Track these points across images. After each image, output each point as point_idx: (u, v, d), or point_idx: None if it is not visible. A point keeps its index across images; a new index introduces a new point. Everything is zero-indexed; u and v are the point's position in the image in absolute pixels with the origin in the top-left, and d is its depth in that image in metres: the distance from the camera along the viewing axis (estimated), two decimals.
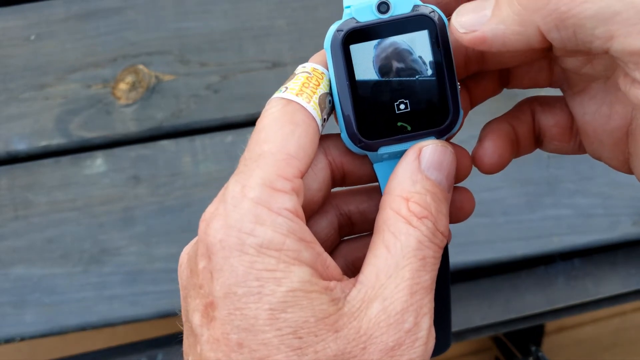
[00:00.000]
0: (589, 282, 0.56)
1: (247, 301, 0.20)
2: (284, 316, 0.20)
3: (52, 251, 0.53)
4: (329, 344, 0.21)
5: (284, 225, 0.21)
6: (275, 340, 0.20)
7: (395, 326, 0.21)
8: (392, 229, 0.22)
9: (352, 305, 0.21)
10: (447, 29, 0.24)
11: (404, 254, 0.22)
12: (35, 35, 0.59)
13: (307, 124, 0.23)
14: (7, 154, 0.56)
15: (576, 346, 0.96)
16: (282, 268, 0.21)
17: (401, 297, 0.21)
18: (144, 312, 0.52)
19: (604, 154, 0.26)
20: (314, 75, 0.24)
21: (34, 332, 0.52)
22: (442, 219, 0.23)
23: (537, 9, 0.20)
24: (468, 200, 0.26)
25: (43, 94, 0.57)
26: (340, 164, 0.26)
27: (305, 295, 0.21)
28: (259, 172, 0.22)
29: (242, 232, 0.21)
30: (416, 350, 0.21)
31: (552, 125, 0.27)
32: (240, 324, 0.20)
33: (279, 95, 0.23)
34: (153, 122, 0.56)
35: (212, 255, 0.21)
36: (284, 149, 0.22)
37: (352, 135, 0.24)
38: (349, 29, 0.24)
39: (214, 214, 0.22)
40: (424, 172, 0.23)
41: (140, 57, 0.58)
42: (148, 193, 0.55)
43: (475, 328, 0.55)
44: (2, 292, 0.52)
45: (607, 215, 0.54)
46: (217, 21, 0.59)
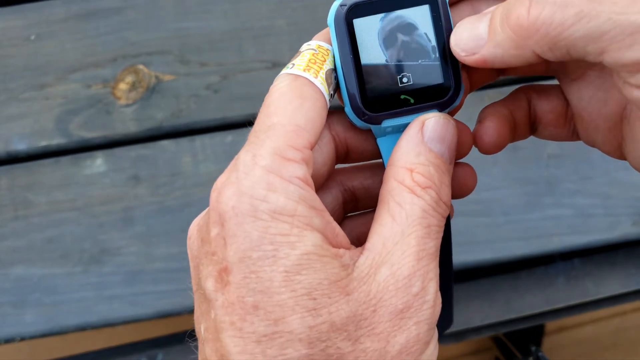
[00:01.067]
0: (589, 282, 0.56)
1: (262, 264, 0.21)
2: (298, 278, 0.21)
3: (52, 251, 0.53)
4: (341, 305, 0.21)
5: (296, 192, 0.21)
6: (290, 302, 0.21)
7: (403, 290, 0.22)
8: (397, 199, 0.23)
9: (361, 270, 0.22)
10: (447, 3, 0.25)
11: (409, 222, 0.23)
12: (35, 35, 0.59)
13: (315, 98, 0.23)
14: (7, 154, 0.56)
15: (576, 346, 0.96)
16: (296, 232, 0.21)
17: (408, 262, 0.22)
18: (143, 312, 0.52)
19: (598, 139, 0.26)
20: (320, 52, 0.24)
21: (34, 332, 0.52)
22: (445, 190, 0.24)
23: (529, 36, 0.21)
24: (470, 176, 0.27)
25: (43, 94, 0.57)
26: (344, 139, 0.26)
27: (318, 259, 0.21)
28: (269, 143, 0.22)
29: (254, 198, 0.21)
30: (424, 313, 0.22)
31: (548, 112, 0.27)
32: (256, 286, 0.21)
33: (286, 72, 0.24)
34: (153, 122, 0.56)
35: (225, 222, 0.21)
36: (293, 120, 0.22)
37: (355, 108, 0.25)
38: (352, 3, 0.24)
39: (225, 182, 0.22)
40: (427, 144, 0.24)
41: (140, 57, 0.58)
42: (148, 193, 0.55)
43: (476, 328, 0.55)
44: (2, 292, 0.52)
45: (607, 215, 0.54)
46: (217, 21, 0.59)
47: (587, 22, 0.20)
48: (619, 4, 0.20)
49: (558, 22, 0.20)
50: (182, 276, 0.53)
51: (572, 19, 0.20)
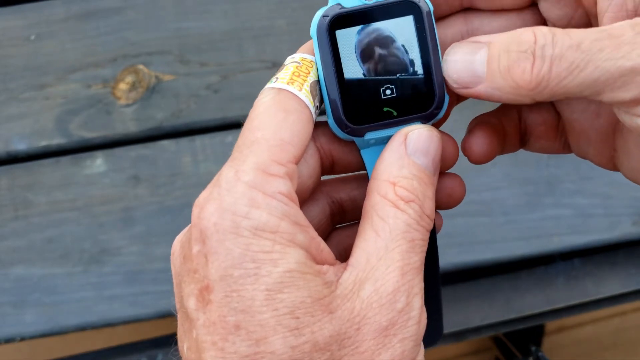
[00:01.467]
0: (589, 282, 0.56)
1: (243, 282, 0.20)
2: (280, 296, 0.20)
3: (52, 251, 0.53)
4: (325, 324, 0.21)
5: (279, 208, 0.21)
6: (272, 321, 0.20)
7: (387, 306, 0.21)
8: (380, 213, 0.23)
9: (345, 287, 0.22)
10: (432, 14, 0.25)
11: (393, 237, 0.22)
12: (36, 35, 0.59)
13: (300, 111, 0.23)
14: (7, 154, 0.56)
15: (576, 346, 0.96)
16: (278, 249, 0.21)
17: (392, 277, 0.22)
18: (143, 312, 0.52)
19: (590, 152, 0.27)
20: (304, 64, 0.24)
21: (34, 332, 0.52)
22: (428, 203, 0.23)
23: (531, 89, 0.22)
24: (458, 186, 0.27)
25: (43, 94, 0.57)
26: (328, 151, 0.26)
27: (301, 276, 0.21)
28: (252, 158, 0.22)
29: (236, 215, 0.21)
30: (409, 330, 0.22)
31: (539, 124, 0.27)
32: (237, 305, 0.20)
33: (270, 86, 0.24)
34: (153, 122, 0.56)
35: (207, 239, 0.21)
36: (277, 134, 0.22)
37: (338, 120, 0.25)
38: (335, 14, 0.24)
39: (207, 198, 0.22)
40: (410, 156, 0.24)
41: (140, 57, 0.58)
42: (148, 193, 0.55)
43: (475, 328, 0.55)
44: (2, 292, 0.52)
45: (607, 215, 0.54)
46: (217, 21, 0.59)
47: (578, 72, 0.21)
48: (604, 51, 0.21)
49: (555, 75, 0.21)
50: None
51: (565, 72, 0.21)
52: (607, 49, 0.21)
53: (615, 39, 0.21)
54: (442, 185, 0.26)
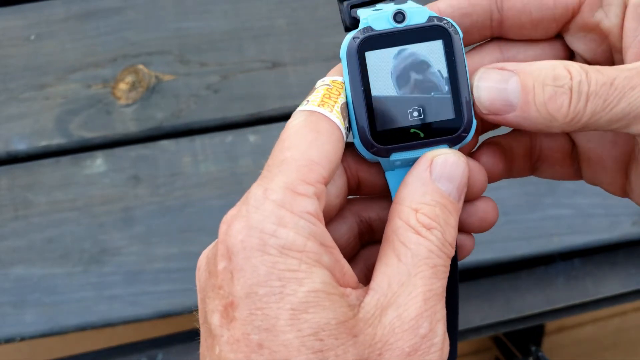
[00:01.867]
0: (589, 282, 0.56)
1: (268, 301, 0.20)
2: (305, 317, 0.20)
3: (52, 251, 0.53)
4: (348, 348, 0.21)
5: (306, 228, 0.21)
6: (296, 342, 0.20)
7: (410, 332, 0.21)
8: (402, 238, 0.23)
9: (367, 311, 0.22)
10: (461, 40, 0.25)
11: (415, 263, 0.22)
12: (35, 35, 0.59)
13: (331, 132, 0.23)
14: (7, 154, 0.56)
15: (576, 346, 0.96)
16: (304, 269, 0.21)
17: (415, 303, 0.22)
18: (143, 312, 0.52)
19: (605, 180, 0.27)
20: (334, 87, 0.24)
21: (34, 332, 0.52)
22: (450, 231, 0.23)
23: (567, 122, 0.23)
24: (492, 210, 0.26)
25: (43, 94, 0.57)
26: (355, 172, 0.26)
27: (326, 297, 0.21)
28: (281, 177, 0.22)
29: (264, 232, 0.21)
30: (432, 356, 0.21)
31: (555, 150, 0.27)
32: (261, 324, 0.20)
33: (301, 108, 0.24)
34: (153, 122, 0.56)
35: (233, 255, 0.21)
36: (306, 155, 0.22)
37: (364, 140, 0.25)
38: (365, 36, 0.25)
39: (235, 215, 0.22)
40: (434, 182, 0.24)
41: (140, 57, 0.58)
42: (148, 193, 0.55)
43: (475, 328, 0.55)
44: (2, 292, 0.52)
45: (607, 215, 0.54)
46: (217, 21, 0.59)
47: (611, 108, 0.22)
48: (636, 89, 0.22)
49: (590, 110, 0.23)
50: (182, 276, 0.53)
51: (598, 108, 0.22)
52: (638, 87, 0.22)
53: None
54: (475, 209, 0.26)
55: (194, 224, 0.54)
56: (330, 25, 0.59)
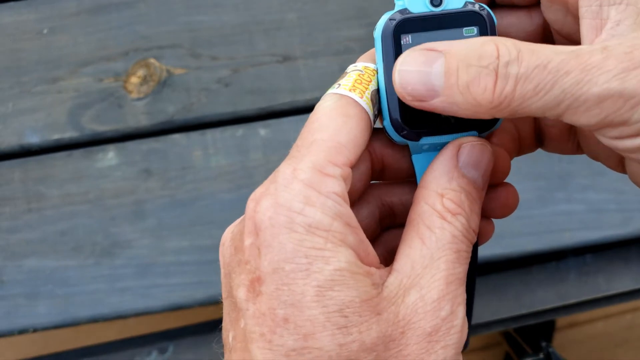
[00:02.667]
0: (600, 277, 0.55)
1: (295, 277, 0.21)
2: (330, 294, 0.21)
3: (65, 244, 0.54)
4: (372, 325, 0.21)
5: (333, 208, 0.21)
6: (321, 317, 0.20)
7: (432, 313, 0.22)
8: (427, 222, 0.23)
9: (390, 290, 0.22)
10: (495, 27, 0.25)
11: (439, 246, 0.22)
12: (48, 29, 0.59)
13: (359, 117, 0.23)
14: (20, 147, 0.57)
15: (587, 342, 0.96)
16: (330, 247, 0.21)
17: (437, 286, 0.22)
18: (155, 305, 0.52)
19: (601, 154, 0.26)
20: (366, 73, 0.25)
21: (47, 323, 0.52)
22: (474, 218, 0.24)
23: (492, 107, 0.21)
24: (513, 196, 0.27)
25: (56, 88, 0.58)
26: (380, 156, 0.26)
27: (351, 276, 0.21)
28: (310, 157, 0.22)
29: (291, 211, 0.21)
30: (452, 337, 0.22)
31: (551, 126, 0.27)
32: (287, 299, 0.21)
33: (332, 91, 0.24)
34: (164, 115, 0.57)
35: (260, 232, 0.21)
36: (335, 137, 0.22)
37: (395, 122, 0.25)
38: (402, 18, 0.24)
39: (264, 193, 0.22)
40: (461, 169, 0.24)
41: (152, 51, 0.58)
42: (159, 186, 0.55)
43: (486, 323, 0.55)
44: (16, 284, 0.53)
45: (619, 210, 0.54)
46: (228, 15, 0.59)
47: (543, 94, 0.21)
48: (571, 74, 0.20)
49: (519, 95, 0.21)
50: (193, 269, 0.53)
51: (530, 93, 0.21)
52: (573, 72, 0.20)
53: (582, 61, 0.20)
54: (497, 195, 0.26)
55: (205, 217, 0.54)
56: (341, 19, 0.59)
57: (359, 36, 0.58)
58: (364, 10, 0.59)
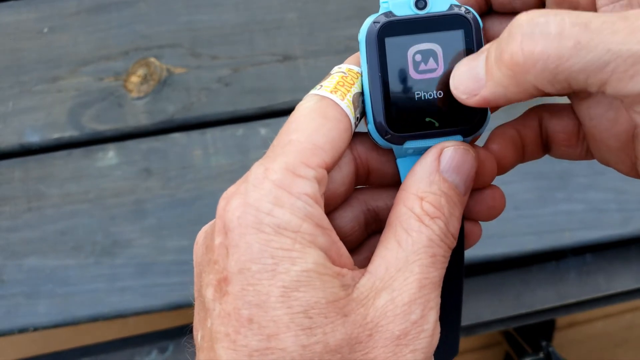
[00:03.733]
0: (600, 277, 0.55)
1: (260, 277, 0.21)
2: (295, 295, 0.21)
3: (65, 243, 0.54)
4: (337, 327, 0.21)
5: (303, 209, 0.21)
6: (285, 318, 0.20)
7: (402, 317, 0.21)
8: (405, 225, 0.23)
9: (361, 292, 0.22)
10: (481, 30, 0.25)
11: (415, 250, 0.22)
12: (48, 28, 0.59)
13: (339, 120, 0.23)
14: (20, 146, 0.57)
15: (587, 342, 0.96)
16: (298, 249, 0.21)
17: (409, 289, 0.22)
18: (155, 304, 0.52)
19: (612, 159, 0.26)
20: (349, 75, 0.24)
21: (47, 322, 0.52)
22: (454, 222, 0.23)
23: (527, 71, 0.20)
24: (499, 198, 0.26)
25: (56, 87, 0.58)
26: (365, 161, 0.26)
27: (318, 277, 0.21)
28: (283, 158, 0.22)
29: (260, 211, 0.21)
30: (421, 342, 0.22)
31: (559, 131, 0.27)
32: (252, 299, 0.21)
33: (313, 92, 0.24)
34: (164, 115, 0.57)
35: (229, 231, 0.21)
36: (311, 139, 0.22)
37: (379, 126, 0.25)
38: (386, 21, 0.24)
39: (234, 192, 0.22)
40: (442, 173, 0.24)
41: (152, 50, 0.58)
42: (159, 186, 0.55)
43: (486, 322, 0.55)
44: (16, 283, 0.53)
45: (620, 210, 0.54)
46: (228, 14, 0.59)
47: (586, 53, 0.19)
48: (618, 34, 0.19)
49: (555, 55, 0.20)
50: (193, 269, 0.53)
51: (569, 51, 0.19)
52: (621, 32, 0.19)
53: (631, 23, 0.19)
54: (483, 197, 0.26)
55: (205, 216, 0.54)
56: (341, 18, 0.59)
57: None
58: (364, 9, 0.59)
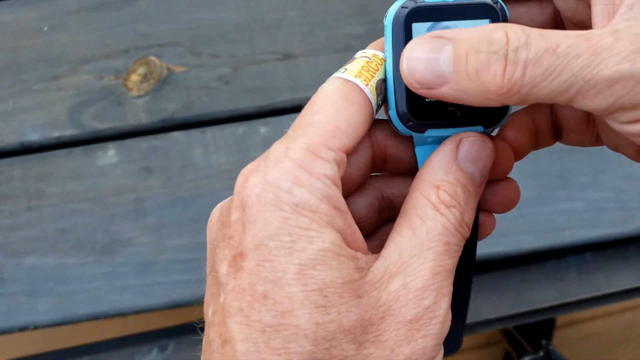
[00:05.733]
0: (600, 276, 0.55)
1: (277, 254, 0.21)
2: (312, 272, 0.21)
3: (65, 241, 0.54)
4: (351, 307, 0.21)
5: (321, 190, 0.21)
6: (300, 295, 0.20)
7: (415, 301, 0.22)
8: (420, 213, 0.23)
9: (375, 275, 0.22)
10: (508, 20, 0.24)
11: (429, 237, 0.22)
12: (48, 27, 0.59)
13: (361, 105, 0.23)
14: (20, 144, 0.57)
15: (587, 340, 0.96)
16: (316, 228, 0.21)
17: (423, 275, 0.22)
18: (155, 303, 0.52)
19: (620, 144, 0.26)
20: (374, 61, 0.24)
21: (47, 321, 0.52)
22: (469, 212, 0.23)
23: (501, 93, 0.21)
24: (514, 191, 0.27)
25: (56, 85, 0.58)
26: (383, 147, 0.26)
27: (334, 257, 0.21)
28: (304, 138, 0.22)
29: (279, 189, 0.21)
30: (433, 327, 0.22)
31: (569, 117, 0.27)
32: (268, 275, 0.21)
33: (337, 75, 0.24)
34: (164, 113, 0.57)
35: (247, 207, 0.21)
36: (333, 121, 0.22)
37: (401, 113, 0.24)
38: (414, 6, 0.24)
39: (254, 169, 0.22)
40: (459, 163, 0.24)
41: (152, 49, 0.58)
42: (159, 184, 0.55)
43: (486, 321, 0.55)
44: (16, 282, 0.53)
45: (620, 209, 0.54)
46: (229, 12, 0.59)
47: (553, 79, 0.20)
48: (581, 57, 0.20)
49: (528, 80, 0.20)
50: (194, 267, 0.53)
51: (540, 77, 0.20)
52: (583, 55, 0.20)
53: (592, 44, 0.20)
54: (499, 189, 0.26)
55: (205, 215, 0.54)
56: (341, 16, 0.59)
57: (360, 34, 0.58)
58: (365, 7, 0.59)
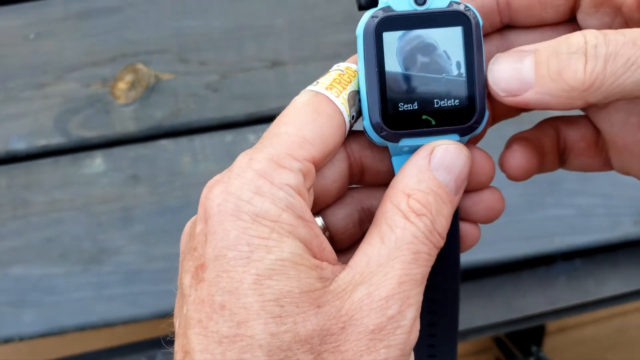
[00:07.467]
0: (590, 282, 0.56)
1: (235, 264, 0.21)
2: (268, 283, 0.21)
3: (51, 251, 0.53)
4: (309, 317, 0.21)
5: (284, 199, 0.21)
6: (256, 305, 0.20)
7: (378, 311, 0.21)
8: (389, 222, 0.23)
9: (339, 285, 0.22)
10: (480, 28, 0.24)
11: (398, 246, 0.22)
12: (35, 34, 0.59)
13: (331, 116, 0.23)
14: (6, 153, 0.56)
15: (577, 346, 0.96)
16: (275, 238, 0.21)
17: (388, 285, 0.22)
18: (143, 312, 0.52)
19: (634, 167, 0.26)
20: (347, 73, 0.24)
21: (33, 332, 0.52)
22: (441, 220, 0.23)
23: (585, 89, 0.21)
24: (498, 200, 0.26)
25: (42, 93, 0.57)
26: (359, 159, 0.26)
27: (293, 267, 0.21)
28: (269, 149, 0.22)
29: (240, 199, 0.21)
30: (397, 338, 0.21)
31: (578, 140, 0.27)
32: (226, 286, 0.21)
33: (309, 88, 0.24)
34: (152, 121, 0.56)
35: (209, 218, 0.22)
36: (300, 132, 0.22)
37: (375, 123, 0.24)
38: (384, 16, 0.24)
39: (217, 180, 0.22)
40: (432, 171, 0.23)
41: (140, 56, 0.58)
42: (147, 193, 0.55)
43: (476, 328, 0.55)
44: (1, 292, 0.52)
45: (608, 215, 0.54)
46: (217, 20, 0.59)
47: (635, 68, 0.21)
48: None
49: (610, 73, 0.21)
50: None
51: (621, 69, 0.21)
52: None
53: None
54: (481, 199, 0.26)
55: None
56: (330, 24, 0.59)
57: (348, 41, 0.58)
58: (353, 15, 0.59)
